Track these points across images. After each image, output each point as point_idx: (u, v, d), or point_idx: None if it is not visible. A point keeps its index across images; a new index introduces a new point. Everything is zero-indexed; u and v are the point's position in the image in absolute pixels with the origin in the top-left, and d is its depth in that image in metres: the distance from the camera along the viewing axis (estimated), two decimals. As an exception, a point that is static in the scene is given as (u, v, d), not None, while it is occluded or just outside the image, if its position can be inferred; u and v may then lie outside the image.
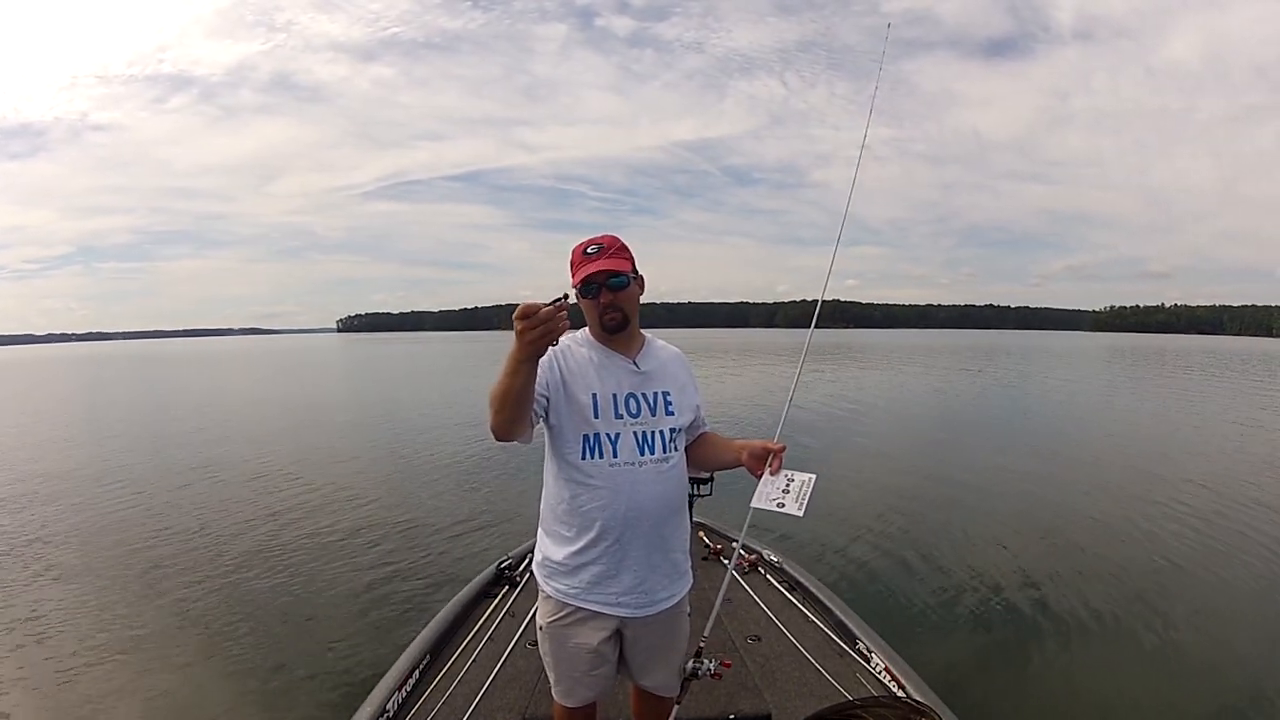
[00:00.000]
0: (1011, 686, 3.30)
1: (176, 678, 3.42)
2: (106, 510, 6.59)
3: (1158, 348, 58.27)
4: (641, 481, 1.45)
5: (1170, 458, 9.18)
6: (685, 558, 1.58)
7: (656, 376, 1.53)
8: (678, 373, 1.58)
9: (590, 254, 1.46)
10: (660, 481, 1.47)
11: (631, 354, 1.53)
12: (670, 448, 1.50)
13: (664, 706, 1.65)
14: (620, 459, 1.44)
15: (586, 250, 1.46)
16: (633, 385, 1.49)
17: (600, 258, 1.45)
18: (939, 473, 8.03)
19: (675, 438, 1.51)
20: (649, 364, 1.53)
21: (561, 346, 1.52)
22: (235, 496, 7.05)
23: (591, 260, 1.45)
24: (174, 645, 3.75)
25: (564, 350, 1.52)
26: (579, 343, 1.54)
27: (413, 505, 6.61)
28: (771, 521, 5.68)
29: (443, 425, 11.89)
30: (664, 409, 1.50)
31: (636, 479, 1.45)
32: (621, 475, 1.44)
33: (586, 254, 1.46)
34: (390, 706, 2.08)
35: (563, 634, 1.52)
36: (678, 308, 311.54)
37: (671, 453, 1.50)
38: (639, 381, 1.50)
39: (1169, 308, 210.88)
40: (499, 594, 2.99)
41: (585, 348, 1.52)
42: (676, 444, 1.52)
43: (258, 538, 5.62)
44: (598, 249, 1.46)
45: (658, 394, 1.51)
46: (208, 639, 3.80)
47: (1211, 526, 5.75)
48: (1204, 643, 3.72)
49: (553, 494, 1.52)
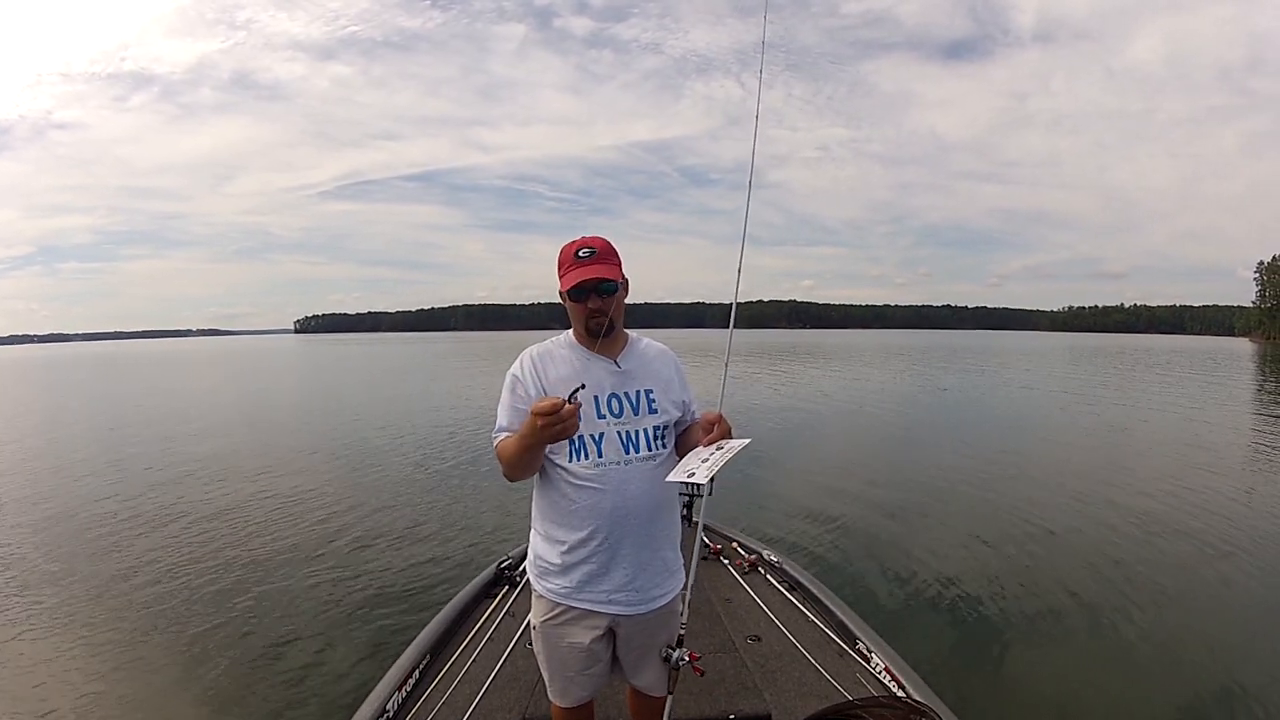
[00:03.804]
0: (1011, 686, 3.29)
1: (176, 679, 3.43)
2: (108, 511, 6.62)
3: (1118, 346, 58.17)
4: (628, 480, 1.46)
5: (1179, 458, 9.14)
6: (676, 555, 1.58)
7: (638, 375, 1.53)
8: (661, 369, 1.58)
9: (582, 258, 1.45)
10: (647, 479, 1.48)
11: (613, 354, 1.53)
12: (656, 445, 1.50)
13: (660, 705, 1.64)
14: (606, 459, 1.45)
15: (578, 254, 1.46)
16: (614, 385, 1.49)
17: (592, 263, 1.45)
18: (939, 473, 8.00)
19: (660, 435, 1.51)
20: (630, 363, 1.54)
21: (542, 350, 1.54)
22: (235, 498, 7.07)
23: (584, 265, 1.45)
24: (174, 646, 3.76)
25: (544, 355, 1.53)
26: (561, 345, 1.56)
27: (412, 506, 6.62)
28: (772, 521, 5.75)
29: (441, 426, 11.91)
30: (646, 407, 1.50)
31: (623, 478, 1.45)
32: (608, 475, 1.45)
33: (578, 257, 1.45)
34: (390, 706, 2.08)
35: (556, 633, 1.53)
36: (634, 308, 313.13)
37: (658, 450, 1.50)
38: (620, 381, 1.50)
39: (1128, 307, 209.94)
40: (499, 594, 2.99)
41: (567, 349, 1.54)
42: (663, 441, 1.52)
43: (256, 539, 5.64)
44: (590, 253, 1.45)
45: (640, 392, 1.51)
46: (208, 639, 3.82)
47: (1210, 527, 5.72)
48: (1205, 643, 3.69)
49: (542, 495, 1.53)
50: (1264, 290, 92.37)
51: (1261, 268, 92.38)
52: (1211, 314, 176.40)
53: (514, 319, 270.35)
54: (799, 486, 7.31)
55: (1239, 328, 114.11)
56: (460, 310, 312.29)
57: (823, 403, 15.95)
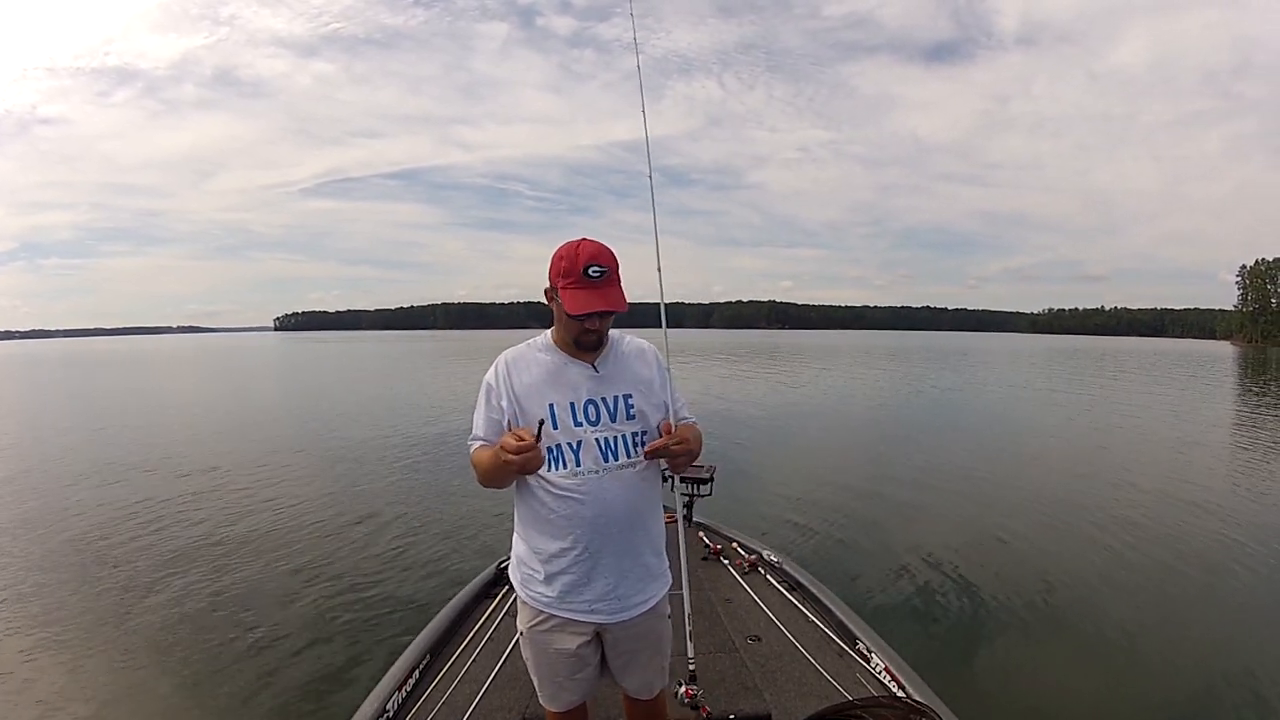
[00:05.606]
0: (1011, 686, 3.31)
1: (175, 681, 3.40)
2: (104, 512, 6.55)
3: (1100, 349, 59.06)
4: (608, 488, 1.42)
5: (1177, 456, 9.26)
6: (660, 560, 1.54)
7: (616, 379, 1.47)
8: (641, 370, 1.51)
9: (593, 278, 1.36)
10: (628, 487, 1.44)
11: (591, 358, 1.47)
12: (635, 452, 1.45)
13: (653, 707, 1.64)
14: (584, 467, 1.41)
15: (589, 271, 1.36)
16: (591, 390, 1.44)
17: (605, 286, 1.37)
18: (939, 473, 8.06)
19: (640, 441, 1.46)
20: (608, 366, 1.48)
21: (516, 355, 1.49)
22: (234, 498, 7.01)
23: (595, 288, 1.36)
24: (173, 647, 3.73)
25: (517, 360, 1.48)
26: (537, 348, 1.50)
27: (411, 506, 6.58)
28: (772, 522, 5.76)
29: (438, 426, 11.85)
30: (625, 413, 1.45)
31: (603, 486, 1.41)
32: (588, 484, 1.41)
33: (588, 276, 1.36)
34: (390, 706, 2.07)
35: (542, 639, 1.51)
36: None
37: (638, 457, 1.45)
38: (597, 386, 1.45)
39: (1108, 310, 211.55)
40: (499, 594, 2.97)
41: (544, 353, 1.48)
42: (643, 448, 1.46)
43: (255, 539, 5.59)
44: (601, 274, 1.36)
45: (618, 398, 1.45)
46: (207, 639, 3.78)
47: (1211, 526, 5.81)
48: (1205, 641, 3.74)
49: (522, 503, 1.50)
50: (1246, 294, 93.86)
51: (1244, 271, 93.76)
52: (1193, 317, 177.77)
53: (494, 318, 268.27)
54: (799, 487, 7.33)
55: (1220, 331, 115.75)
56: (440, 309, 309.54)
57: (821, 403, 16.05)
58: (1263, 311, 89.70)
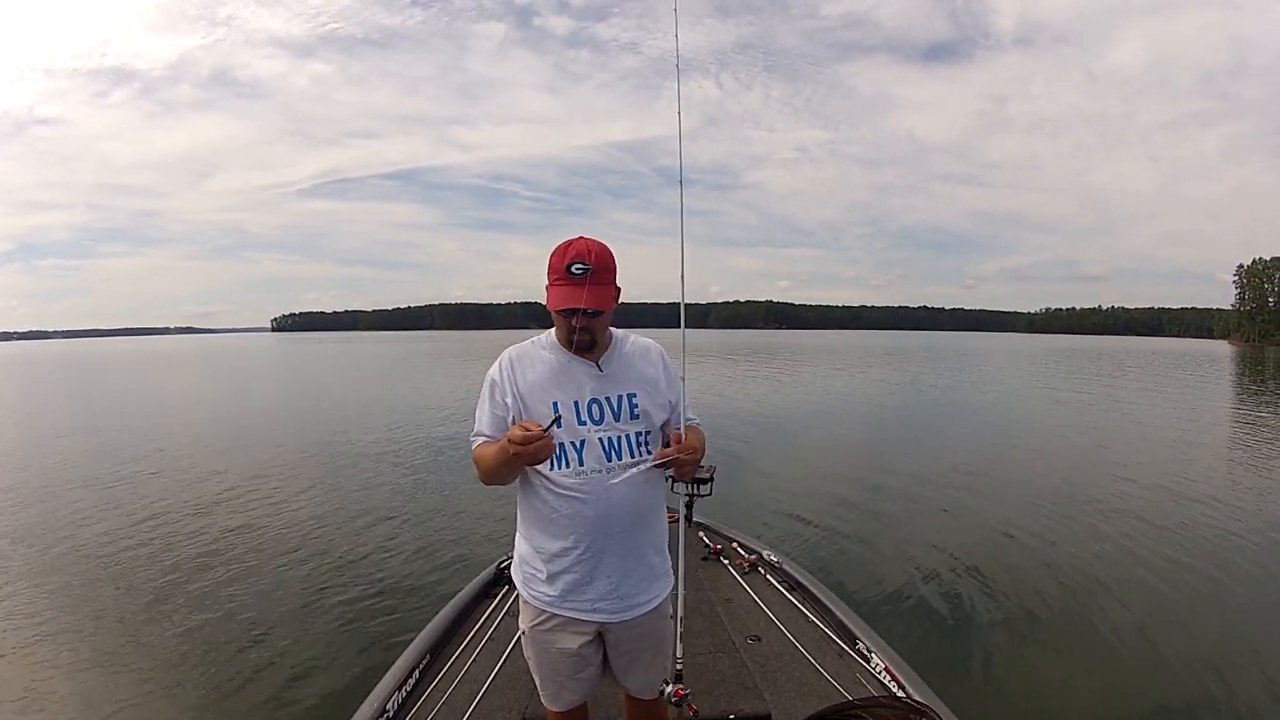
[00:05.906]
0: (1011, 686, 3.31)
1: (175, 680, 3.39)
2: (110, 516, 6.54)
3: (1098, 349, 59.18)
4: (612, 488, 1.41)
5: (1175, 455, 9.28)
6: (663, 559, 1.54)
7: (620, 379, 1.46)
8: (646, 369, 1.50)
9: (575, 275, 1.34)
10: (631, 487, 1.43)
11: (595, 356, 1.46)
12: (639, 452, 1.45)
13: (654, 707, 1.64)
14: (587, 467, 1.41)
15: (571, 268, 1.34)
16: (595, 390, 1.44)
17: (586, 283, 1.34)
18: (939, 473, 8.07)
19: (645, 440, 1.46)
20: (612, 365, 1.47)
21: (520, 351, 1.49)
22: (234, 498, 7.00)
23: (574, 284, 1.34)
24: (173, 647, 3.72)
25: (522, 357, 1.47)
26: (541, 345, 1.49)
27: (411, 506, 6.58)
28: (772, 522, 5.77)
29: (438, 426, 11.85)
30: (629, 413, 1.45)
31: (606, 486, 1.41)
32: (591, 483, 1.40)
33: (570, 273, 1.34)
34: (390, 706, 2.07)
35: (544, 639, 1.51)
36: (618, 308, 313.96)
37: (642, 457, 1.45)
38: (601, 385, 1.44)
39: (1106, 310, 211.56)
40: (499, 594, 2.97)
41: (548, 351, 1.48)
42: (647, 447, 1.46)
43: (255, 540, 5.58)
44: (583, 271, 1.34)
45: (622, 397, 1.45)
46: (207, 640, 3.78)
47: (1209, 524, 5.82)
48: (1205, 640, 3.75)
49: (524, 501, 1.50)
50: (1243, 293, 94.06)
51: (1241, 271, 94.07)
52: (1190, 316, 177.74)
53: (491, 318, 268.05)
54: (798, 486, 7.34)
55: (1218, 330, 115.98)
56: (437, 309, 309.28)
57: (821, 402, 16.06)
58: (1260, 310, 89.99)
